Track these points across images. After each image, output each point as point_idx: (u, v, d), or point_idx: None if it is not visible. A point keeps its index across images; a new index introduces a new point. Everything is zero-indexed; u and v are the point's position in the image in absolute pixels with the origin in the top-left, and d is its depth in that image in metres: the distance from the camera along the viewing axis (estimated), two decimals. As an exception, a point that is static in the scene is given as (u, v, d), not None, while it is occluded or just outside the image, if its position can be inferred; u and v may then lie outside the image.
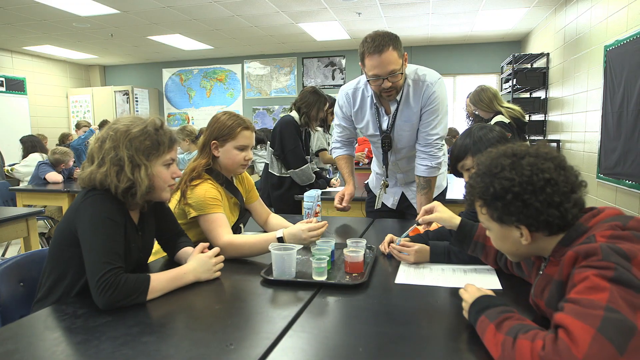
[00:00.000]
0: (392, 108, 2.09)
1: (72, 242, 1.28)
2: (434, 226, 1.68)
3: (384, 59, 1.85)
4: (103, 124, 6.67)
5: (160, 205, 1.55)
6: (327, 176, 3.73)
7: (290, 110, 3.27)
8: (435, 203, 1.48)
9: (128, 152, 1.30)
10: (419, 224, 1.52)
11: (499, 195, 0.95)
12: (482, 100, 3.52)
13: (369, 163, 4.05)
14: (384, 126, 2.14)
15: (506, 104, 3.53)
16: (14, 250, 4.63)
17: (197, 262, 1.37)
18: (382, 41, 1.84)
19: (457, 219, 1.41)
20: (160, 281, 1.25)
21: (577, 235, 0.93)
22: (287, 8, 5.64)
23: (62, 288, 1.30)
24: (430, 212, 1.47)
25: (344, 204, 2.28)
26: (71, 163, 4.78)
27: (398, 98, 2.05)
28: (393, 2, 5.44)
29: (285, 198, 3.21)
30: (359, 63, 1.97)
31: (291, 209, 3.13)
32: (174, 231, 1.60)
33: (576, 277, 0.81)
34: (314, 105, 3.17)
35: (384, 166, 2.25)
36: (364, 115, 2.16)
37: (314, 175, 3.26)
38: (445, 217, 1.43)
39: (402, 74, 1.94)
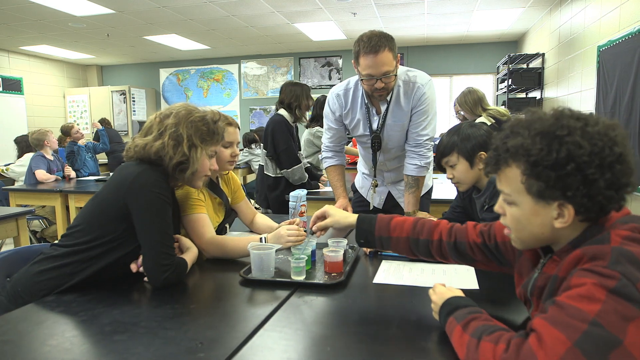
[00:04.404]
0: (383, 108, 2.10)
1: (119, 217, 1.31)
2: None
3: (379, 60, 1.85)
4: (103, 122, 6.70)
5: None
6: (318, 172, 3.71)
7: (277, 109, 3.25)
8: (326, 207, 1.38)
9: (188, 131, 1.40)
10: (312, 233, 1.41)
11: (560, 163, 0.76)
12: (466, 103, 3.59)
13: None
14: (374, 126, 2.14)
15: (489, 107, 3.58)
16: (7, 249, 4.63)
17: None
18: (378, 41, 1.84)
19: (353, 217, 1.29)
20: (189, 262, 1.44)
21: (589, 236, 0.81)
22: (282, 8, 5.64)
23: (95, 251, 1.31)
24: (322, 217, 1.37)
25: None
26: (53, 138, 4.59)
27: (388, 98, 2.05)
28: (388, 3, 5.44)
29: (282, 199, 3.18)
30: (353, 61, 1.97)
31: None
32: None
33: (574, 280, 0.73)
34: (302, 95, 3.16)
35: (373, 166, 2.25)
36: (355, 115, 2.16)
37: (307, 175, 3.25)
38: (339, 218, 1.33)
39: (395, 75, 1.95)
